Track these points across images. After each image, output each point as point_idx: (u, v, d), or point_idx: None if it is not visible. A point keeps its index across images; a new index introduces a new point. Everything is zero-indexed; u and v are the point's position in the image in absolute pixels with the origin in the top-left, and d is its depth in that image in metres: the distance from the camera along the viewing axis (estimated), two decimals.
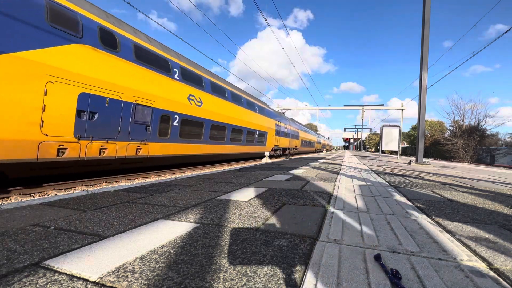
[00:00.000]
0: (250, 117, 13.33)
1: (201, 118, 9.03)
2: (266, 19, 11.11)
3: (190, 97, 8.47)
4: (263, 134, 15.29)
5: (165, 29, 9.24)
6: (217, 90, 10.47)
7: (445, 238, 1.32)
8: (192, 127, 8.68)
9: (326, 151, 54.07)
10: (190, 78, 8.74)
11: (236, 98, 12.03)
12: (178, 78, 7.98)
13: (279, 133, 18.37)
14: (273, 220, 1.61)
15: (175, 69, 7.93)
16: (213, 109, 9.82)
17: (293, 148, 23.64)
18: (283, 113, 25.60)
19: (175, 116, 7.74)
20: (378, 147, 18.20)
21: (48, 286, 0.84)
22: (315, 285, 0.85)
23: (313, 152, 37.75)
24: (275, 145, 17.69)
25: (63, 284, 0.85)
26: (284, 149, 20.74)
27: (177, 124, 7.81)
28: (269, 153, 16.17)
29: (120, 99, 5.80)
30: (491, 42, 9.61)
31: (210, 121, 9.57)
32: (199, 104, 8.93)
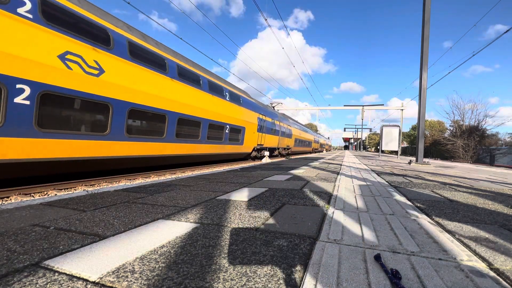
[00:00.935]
0: (215, 106, 9.67)
1: (103, 97, 5.33)
2: (266, 19, 11.12)
3: (69, 57, 4.75)
4: (238, 130, 11.62)
5: (165, 29, 9.26)
6: (145, 57, 6.60)
7: (445, 238, 1.32)
8: (78, 112, 5.08)
9: (326, 151, 52.38)
10: (70, 23, 4.98)
11: (186, 76, 8.18)
12: (30, 17, 4.29)
13: (263, 129, 14.77)
14: (273, 220, 1.61)
15: None
16: (133, 84, 6.04)
17: (284, 148, 20.51)
18: (273, 107, 21.32)
19: (20, 86, 4.07)
20: (378, 147, 18.18)
21: (48, 286, 0.84)
22: (315, 285, 0.85)
23: (310, 153, 34.14)
24: (258, 144, 14.18)
25: (63, 284, 0.85)
26: (272, 149, 17.33)
27: (26, 102, 4.17)
28: (265, 153, 14.92)
29: None
30: (491, 42, 9.63)
31: (125, 103, 5.81)
32: (97, 72, 5.19)
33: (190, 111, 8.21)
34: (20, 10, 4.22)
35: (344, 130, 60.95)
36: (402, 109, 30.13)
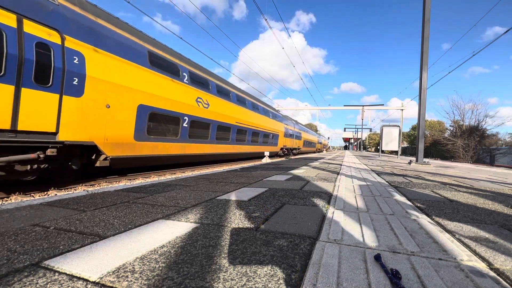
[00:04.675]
0: None
1: None
2: (266, 19, 11.13)
3: None
4: None
5: (168, 30, 9.25)
6: None
7: (445, 238, 1.32)
8: None
9: (326, 151, 48.96)
10: None
11: None
12: None
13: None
14: (273, 220, 1.61)
15: None
16: None
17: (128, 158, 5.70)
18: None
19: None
20: (378, 147, 18.16)
21: (48, 286, 0.84)
22: (315, 285, 0.85)
23: (276, 155, 19.25)
24: None
25: (63, 284, 0.85)
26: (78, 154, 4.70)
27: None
28: (266, 153, 11.32)
29: None
30: (491, 42, 9.63)
31: None
32: None
33: None
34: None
35: (344, 130, 60.89)
36: (402, 109, 30.13)
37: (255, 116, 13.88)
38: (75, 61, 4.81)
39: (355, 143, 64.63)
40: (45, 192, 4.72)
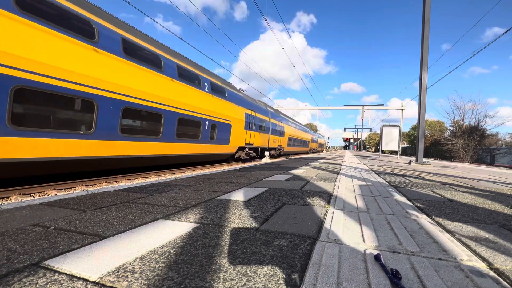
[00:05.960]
0: None
1: None
2: (266, 20, 11.13)
3: None
4: None
5: (169, 31, 9.24)
6: None
7: (445, 238, 1.32)
8: None
9: (326, 151, 46.93)
10: None
11: None
12: None
13: None
14: (273, 220, 1.61)
15: None
16: None
17: None
18: None
19: None
20: (378, 147, 18.12)
21: (48, 286, 0.84)
22: (315, 285, 0.85)
23: (251, 159, 13.53)
24: None
25: (63, 284, 0.84)
26: None
27: None
28: (266, 153, 12.19)
29: None
30: (490, 43, 9.64)
31: None
32: None
33: None
34: None
35: (344, 130, 60.87)
36: (402, 109, 30.13)
37: (158, 81, 6.99)
38: None
39: (355, 143, 64.58)
40: (45, 192, 4.72)
